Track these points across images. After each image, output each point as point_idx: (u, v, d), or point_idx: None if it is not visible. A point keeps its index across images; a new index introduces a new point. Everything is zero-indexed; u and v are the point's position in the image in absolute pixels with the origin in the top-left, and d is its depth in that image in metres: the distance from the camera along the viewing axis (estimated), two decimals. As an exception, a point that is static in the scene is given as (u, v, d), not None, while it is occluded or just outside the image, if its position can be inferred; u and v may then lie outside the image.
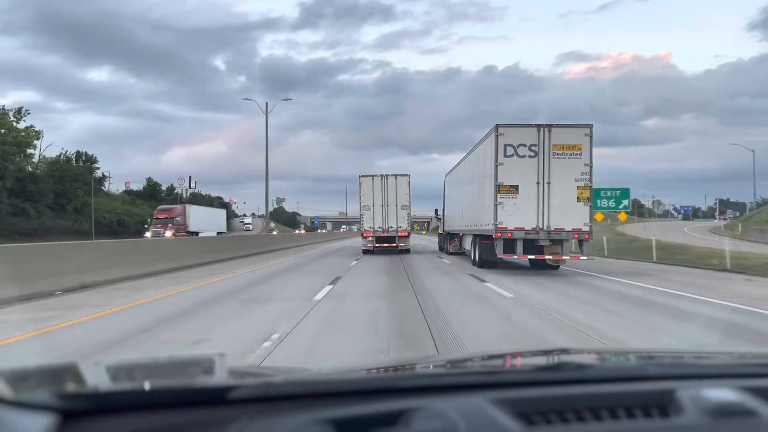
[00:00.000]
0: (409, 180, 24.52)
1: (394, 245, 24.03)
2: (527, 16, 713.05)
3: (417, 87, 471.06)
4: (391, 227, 24.03)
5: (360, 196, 24.33)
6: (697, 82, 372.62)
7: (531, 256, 13.81)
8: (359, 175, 24.55)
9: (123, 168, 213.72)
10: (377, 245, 23.98)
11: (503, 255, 13.77)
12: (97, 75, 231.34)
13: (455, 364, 1.62)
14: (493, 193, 13.52)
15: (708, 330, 6.61)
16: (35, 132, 61.53)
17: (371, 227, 23.94)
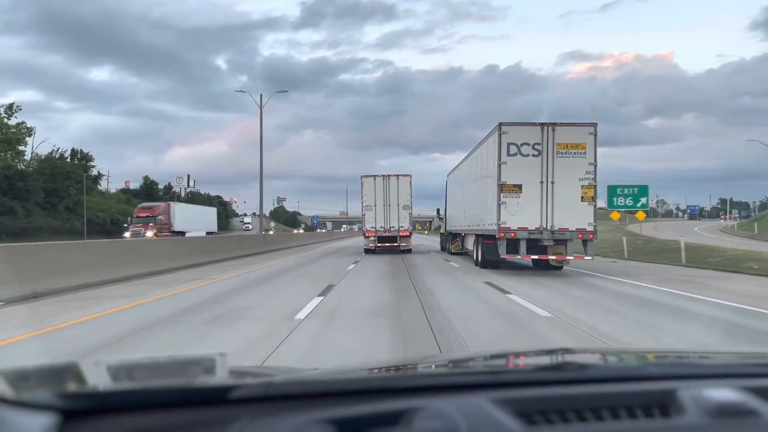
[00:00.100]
0: (411, 180, 24.91)
1: (395, 245, 24.40)
2: (529, 15, 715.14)
3: (418, 86, 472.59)
4: (393, 227, 24.42)
5: (362, 196, 24.71)
6: (699, 81, 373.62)
7: (534, 256, 13.78)
8: (361, 176, 24.94)
9: (124, 167, 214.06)
10: (379, 245, 24.39)
11: (506, 255, 13.76)
12: (99, 74, 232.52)
13: (456, 363, 1.63)
14: (496, 193, 13.52)
15: None
16: (27, 129, 60.15)
17: (373, 227, 24.36)
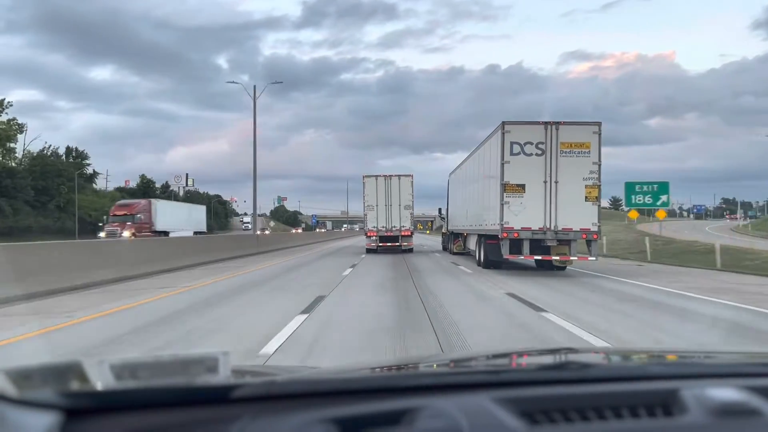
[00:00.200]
0: (412, 180, 25.37)
1: (397, 244, 24.91)
2: (531, 15, 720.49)
3: (420, 86, 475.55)
4: (395, 227, 24.90)
5: (364, 196, 25.19)
6: (701, 81, 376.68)
7: (538, 256, 13.79)
8: (363, 176, 25.42)
9: (125, 167, 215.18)
10: (381, 244, 24.90)
11: (509, 256, 13.75)
12: (100, 74, 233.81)
13: (459, 363, 1.65)
14: (499, 192, 13.52)
15: None
16: (18, 125, 58.81)
17: (375, 227, 24.85)
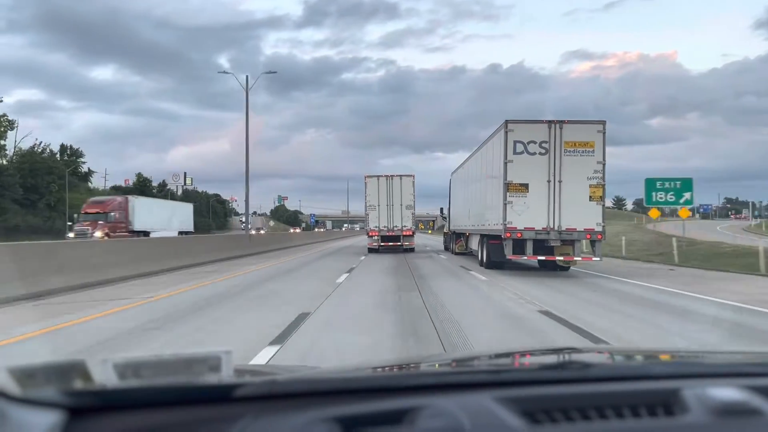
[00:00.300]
0: (414, 180, 25.89)
1: (398, 244, 25.42)
2: (532, 14, 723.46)
3: (421, 85, 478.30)
4: (396, 226, 25.40)
5: (365, 196, 25.72)
6: (703, 80, 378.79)
7: (541, 257, 13.80)
8: (365, 176, 25.99)
9: (127, 166, 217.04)
10: (382, 244, 25.41)
11: (512, 256, 13.76)
12: (102, 73, 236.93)
13: (460, 362, 1.66)
14: (502, 192, 13.52)
15: None
16: (8, 122, 57.92)
17: (377, 226, 25.38)
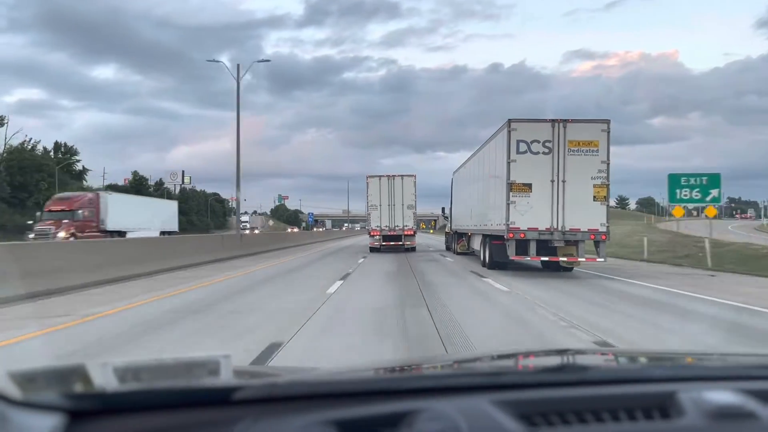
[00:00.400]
0: (415, 180, 26.21)
1: (400, 243, 25.80)
2: (534, 13, 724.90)
3: (423, 85, 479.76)
4: (398, 226, 25.72)
5: (367, 195, 26.09)
6: (705, 80, 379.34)
7: (544, 257, 13.77)
8: (367, 176, 26.37)
9: (128, 165, 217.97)
10: (384, 243, 25.74)
11: (515, 257, 13.72)
12: (103, 72, 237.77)
13: (459, 365, 1.68)
14: (505, 192, 13.50)
15: None
16: None
17: (378, 226, 25.69)
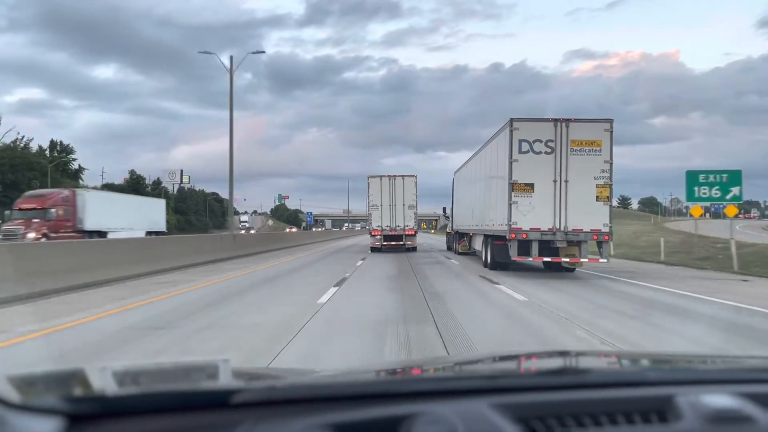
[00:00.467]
0: (416, 180, 26.46)
1: (401, 243, 26.10)
2: (535, 13, 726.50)
3: (423, 84, 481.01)
4: (399, 226, 25.98)
5: (368, 195, 26.36)
6: (705, 80, 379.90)
7: (547, 258, 13.76)
8: (368, 176, 26.63)
9: (128, 165, 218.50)
10: (385, 243, 26.03)
11: (517, 257, 13.70)
12: (103, 72, 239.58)
13: (458, 367, 1.69)
14: (507, 192, 13.48)
15: None
16: None
17: (379, 226, 25.95)
